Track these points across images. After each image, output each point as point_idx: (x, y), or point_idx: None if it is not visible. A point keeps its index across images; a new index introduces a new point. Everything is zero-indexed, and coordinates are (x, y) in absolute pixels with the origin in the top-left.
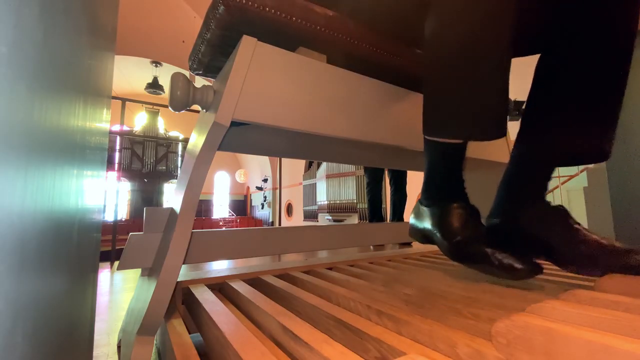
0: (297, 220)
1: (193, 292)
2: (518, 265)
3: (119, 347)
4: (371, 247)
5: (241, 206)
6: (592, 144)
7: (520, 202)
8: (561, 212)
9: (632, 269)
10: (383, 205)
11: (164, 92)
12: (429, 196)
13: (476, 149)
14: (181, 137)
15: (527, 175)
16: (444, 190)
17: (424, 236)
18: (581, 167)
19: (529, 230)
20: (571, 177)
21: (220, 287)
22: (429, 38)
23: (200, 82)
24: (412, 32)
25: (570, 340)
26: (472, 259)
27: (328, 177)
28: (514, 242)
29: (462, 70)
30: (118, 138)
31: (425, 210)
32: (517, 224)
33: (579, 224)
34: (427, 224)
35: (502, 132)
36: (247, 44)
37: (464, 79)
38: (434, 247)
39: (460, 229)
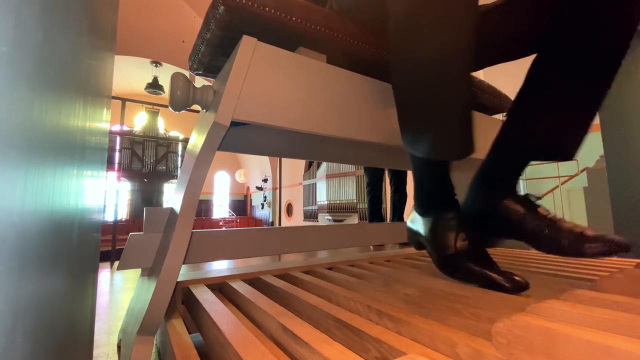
0: (297, 220)
1: (193, 292)
2: (505, 284)
3: (119, 347)
4: (371, 247)
5: (241, 206)
6: (565, 145)
7: (496, 191)
8: (530, 201)
9: (585, 255)
10: (383, 205)
11: (164, 92)
12: (420, 205)
13: None
14: (181, 137)
15: (504, 167)
16: (433, 200)
17: (418, 243)
18: (581, 167)
19: (504, 217)
20: (571, 177)
21: (220, 287)
22: (393, 56)
23: (200, 82)
24: None
25: (570, 340)
26: (461, 275)
27: (328, 177)
28: (490, 226)
29: (422, 91)
30: (118, 138)
31: (418, 217)
32: (492, 210)
33: (548, 211)
34: (420, 232)
35: (468, 152)
36: (247, 44)
37: (425, 100)
38: None
39: (450, 244)
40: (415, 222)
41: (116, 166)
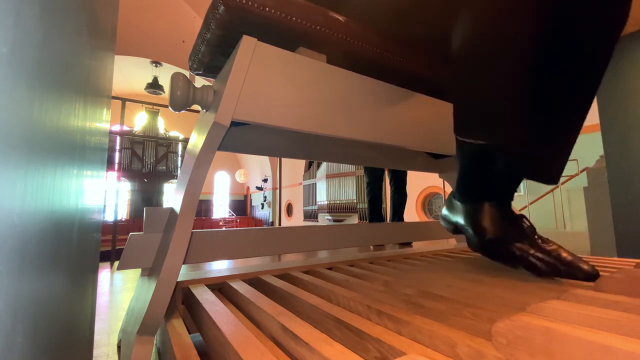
0: (297, 220)
1: (193, 292)
2: (543, 268)
3: (119, 347)
4: (371, 247)
5: (241, 206)
6: (549, 168)
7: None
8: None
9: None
10: (383, 205)
11: (164, 92)
12: (462, 192)
13: None
14: (181, 137)
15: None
16: (476, 190)
17: (455, 228)
18: (581, 167)
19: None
20: (571, 177)
21: (220, 287)
22: (463, 45)
23: (200, 82)
24: (412, 31)
25: (570, 340)
26: (502, 257)
27: (328, 177)
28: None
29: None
30: (118, 138)
31: (458, 204)
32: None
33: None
34: (459, 219)
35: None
36: (247, 44)
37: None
38: (434, 247)
39: (491, 228)
40: (453, 209)
41: (116, 166)
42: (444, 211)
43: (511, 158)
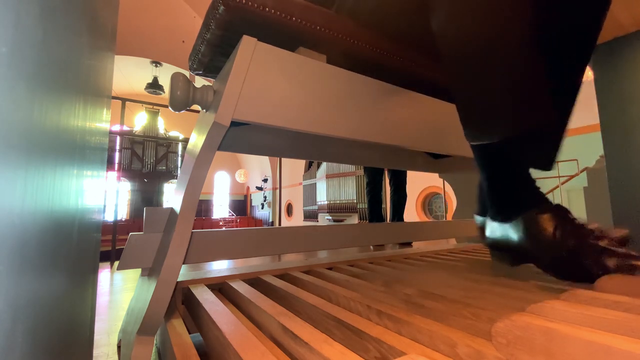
0: (297, 220)
1: (193, 292)
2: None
3: (119, 347)
4: (371, 247)
5: (241, 206)
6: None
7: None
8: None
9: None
10: (383, 205)
11: (164, 92)
12: (499, 210)
13: None
14: (181, 137)
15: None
16: (517, 198)
17: (514, 257)
18: (581, 167)
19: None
20: (571, 177)
21: (220, 287)
22: (442, 38)
23: (200, 82)
24: (412, 31)
25: (570, 340)
26: (583, 274)
27: (328, 177)
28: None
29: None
30: (118, 138)
31: (504, 226)
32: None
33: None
34: (513, 241)
35: (548, 117)
36: (247, 44)
37: (493, 72)
38: (434, 247)
39: (560, 240)
40: (498, 233)
41: (116, 166)
42: (488, 238)
43: (522, 149)
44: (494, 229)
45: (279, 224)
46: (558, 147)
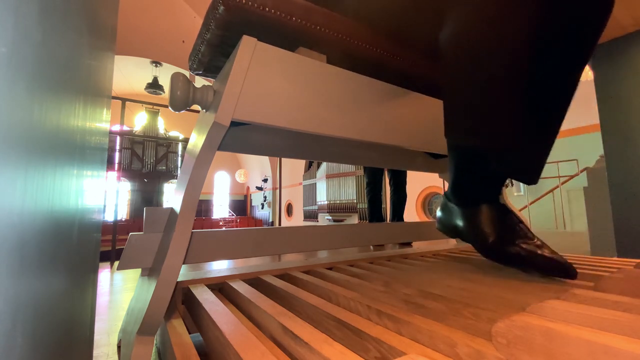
0: (297, 220)
1: (193, 292)
2: (547, 268)
3: (119, 347)
4: (371, 247)
5: (241, 206)
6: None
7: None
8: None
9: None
10: (383, 205)
11: (164, 92)
12: (457, 196)
13: None
14: (181, 137)
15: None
16: (471, 193)
17: (455, 232)
18: (581, 167)
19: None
20: (571, 177)
21: (220, 287)
22: (448, 46)
23: (200, 82)
24: (412, 31)
25: (570, 340)
26: (507, 259)
27: (328, 177)
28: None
29: (480, 78)
30: (118, 138)
31: (454, 208)
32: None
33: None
34: (458, 222)
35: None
36: (247, 44)
37: (483, 87)
38: (434, 247)
39: (492, 230)
40: (448, 212)
41: (116, 166)
42: (439, 214)
43: (498, 158)
44: (447, 208)
45: (279, 224)
46: (540, 164)
